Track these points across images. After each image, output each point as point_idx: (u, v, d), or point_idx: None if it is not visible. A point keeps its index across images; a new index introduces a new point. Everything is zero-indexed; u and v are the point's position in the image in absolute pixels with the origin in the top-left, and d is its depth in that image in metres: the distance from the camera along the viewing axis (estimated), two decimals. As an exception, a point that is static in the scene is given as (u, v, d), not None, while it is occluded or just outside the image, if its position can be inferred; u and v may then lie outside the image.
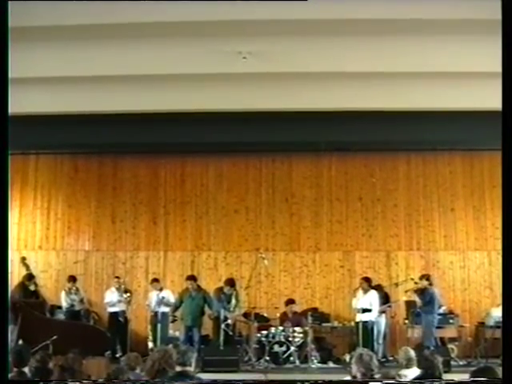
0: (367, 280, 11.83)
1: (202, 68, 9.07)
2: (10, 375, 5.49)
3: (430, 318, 11.41)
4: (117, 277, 12.61)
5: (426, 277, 11.73)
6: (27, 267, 11.33)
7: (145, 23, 8.04)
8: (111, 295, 12.22)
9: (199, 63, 8.96)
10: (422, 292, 11.59)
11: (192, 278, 12.09)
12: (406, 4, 7.72)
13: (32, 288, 11.49)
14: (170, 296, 12.08)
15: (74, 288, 12.16)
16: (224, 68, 9.02)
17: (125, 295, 11.95)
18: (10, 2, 5.58)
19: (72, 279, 12.31)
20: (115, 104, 10.23)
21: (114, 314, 12.10)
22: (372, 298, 11.53)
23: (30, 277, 11.63)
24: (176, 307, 11.92)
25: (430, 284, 11.60)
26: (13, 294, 10.64)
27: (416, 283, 11.70)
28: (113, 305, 12.13)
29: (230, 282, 11.93)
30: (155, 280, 12.34)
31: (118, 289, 12.16)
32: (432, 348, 10.83)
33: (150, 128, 11.19)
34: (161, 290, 12.03)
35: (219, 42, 8.56)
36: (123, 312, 12.00)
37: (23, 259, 11.39)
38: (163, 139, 11.76)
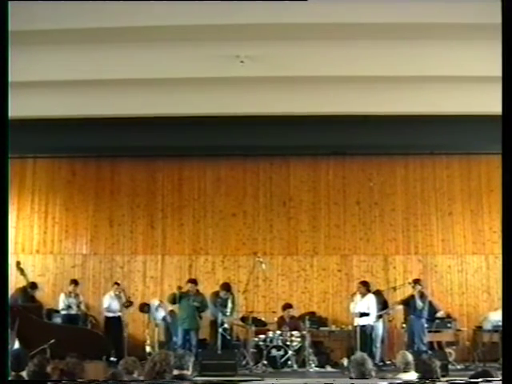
0: (365, 284, 11.83)
1: (200, 72, 9.08)
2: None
3: (421, 322, 11.44)
4: (117, 283, 12.56)
5: (418, 281, 11.78)
6: (22, 271, 11.29)
7: (142, 27, 8.04)
8: (109, 300, 12.22)
9: (197, 67, 8.97)
10: (408, 301, 11.66)
11: (193, 281, 12.06)
12: (404, 8, 7.74)
13: (33, 294, 11.54)
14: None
15: (75, 292, 12.14)
16: (222, 72, 9.03)
17: (126, 304, 12.00)
18: (10, 4, 5.59)
19: (74, 283, 12.29)
20: (113, 108, 10.24)
21: (111, 319, 12.11)
22: (370, 302, 11.53)
23: (33, 285, 11.66)
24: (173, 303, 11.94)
25: (421, 289, 11.63)
26: (12, 299, 10.62)
27: (413, 287, 11.70)
28: (111, 311, 12.14)
29: (226, 287, 11.93)
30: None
31: (117, 296, 12.16)
32: (425, 350, 10.88)
33: (148, 132, 11.20)
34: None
35: (217, 46, 8.57)
36: (121, 317, 12.01)
37: (18, 264, 11.35)
38: (161, 143, 11.78)
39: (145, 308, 12.38)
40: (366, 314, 11.37)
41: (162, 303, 12.34)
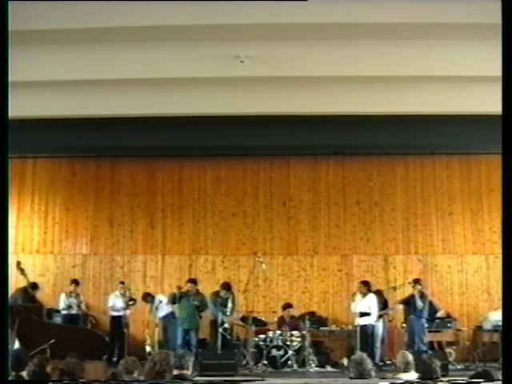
0: (366, 284, 11.83)
1: (200, 72, 9.07)
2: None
3: (421, 322, 11.45)
4: (122, 282, 12.61)
5: (418, 281, 11.78)
6: (22, 271, 11.30)
7: (142, 27, 8.04)
8: (115, 299, 12.24)
9: (197, 67, 8.97)
10: (408, 301, 11.66)
11: (193, 281, 12.11)
12: (404, 8, 7.74)
13: (33, 294, 11.56)
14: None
15: (75, 292, 12.15)
16: (222, 72, 9.03)
17: (130, 302, 12.00)
18: (10, 4, 5.59)
19: (75, 282, 12.34)
20: (113, 108, 10.23)
21: (116, 318, 12.12)
22: (371, 302, 11.52)
23: (34, 286, 11.68)
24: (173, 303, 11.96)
25: (421, 289, 11.63)
26: (13, 299, 10.62)
27: (413, 287, 11.71)
28: (116, 310, 12.16)
29: (226, 286, 11.94)
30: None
31: (122, 294, 12.18)
32: (425, 350, 10.89)
33: (148, 132, 11.19)
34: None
35: (217, 46, 8.57)
36: (124, 317, 12.02)
37: (18, 264, 11.37)
38: (161, 143, 11.77)
39: (148, 298, 12.35)
40: (367, 314, 11.36)
41: (167, 301, 12.26)
